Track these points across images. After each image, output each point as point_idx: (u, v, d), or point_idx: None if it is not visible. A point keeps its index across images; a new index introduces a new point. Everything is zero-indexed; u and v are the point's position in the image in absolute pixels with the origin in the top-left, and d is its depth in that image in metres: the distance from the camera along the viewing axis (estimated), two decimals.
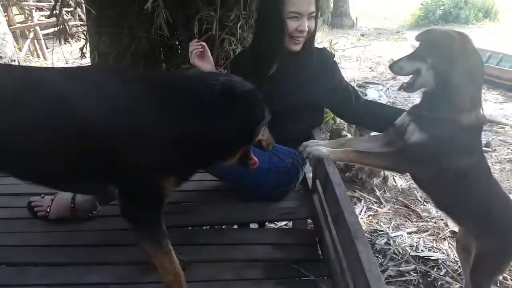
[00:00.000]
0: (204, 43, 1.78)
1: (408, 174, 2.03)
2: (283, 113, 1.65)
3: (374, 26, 13.58)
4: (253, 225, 1.82)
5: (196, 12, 2.79)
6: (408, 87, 1.47)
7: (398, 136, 1.50)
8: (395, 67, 1.46)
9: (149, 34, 2.87)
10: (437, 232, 2.39)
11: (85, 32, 3.39)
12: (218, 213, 1.71)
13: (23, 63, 6.27)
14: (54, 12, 3.12)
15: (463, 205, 1.52)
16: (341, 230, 1.20)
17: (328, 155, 1.47)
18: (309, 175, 1.87)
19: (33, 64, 6.77)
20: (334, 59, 1.81)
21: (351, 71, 7.14)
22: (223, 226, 1.79)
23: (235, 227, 1.81)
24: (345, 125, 3.34)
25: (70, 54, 3.98)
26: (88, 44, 3.40)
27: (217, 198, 1.81)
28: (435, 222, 2.49)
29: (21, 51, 7.01)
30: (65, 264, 1.47)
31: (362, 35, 11.84)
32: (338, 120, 3.47)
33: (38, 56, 7.49)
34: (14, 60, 5.86)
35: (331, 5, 14.11)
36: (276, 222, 2.21)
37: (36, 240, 1.57)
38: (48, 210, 1.62)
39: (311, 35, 1.69)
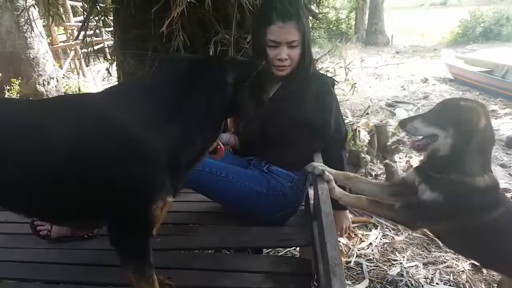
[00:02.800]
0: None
1: None
2: (281, 135, 1.64)
3: (410, 44, 13.31)
4: None
5: (214, 34, 2.84)
6: (420, 149, 1.48)
7: (407, 189, 1.51)
8: (409, 126, 1.45)
9: (169, 55, 2.95)
10: (455, 264, 2.25)
11: (111, 53, 3.54)
12: (215, 237, 1.69)
13: (62, 80, 6.60)
14: (82, 33, 3.29)
15: (504, 256, 1.48)
16: (323, 263, 1.15)
17: (340, 197, 1.53)
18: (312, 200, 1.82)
19: (73, 81, 7.11)
20: (333, 87, 1.75)
21: (382, 89, 7.01)
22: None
23: (232, 251, 1.78)
24: (364, 147, 3.25)
25: (97, 73, 4.14)
26: (114, 64, 3.54)
27: (216, 221, 1.80)
28: (454, 253, 2.34)
29: (61, 69, 7.41)
30: (59, 282, 1.50)
31: (397, 52, 11.63)
32: (358, 141, 3.38)
33: (78, 74, 7.89)
34: (53, 78, 6.18)
35: (366, 22, 14.00)
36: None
37: (35, 256, 1.61)
38: (49, 229, 1.66)
39: (299, 63, 1.65)
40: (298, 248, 2.04)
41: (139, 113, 1.10)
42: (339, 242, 2.46)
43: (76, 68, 8.12)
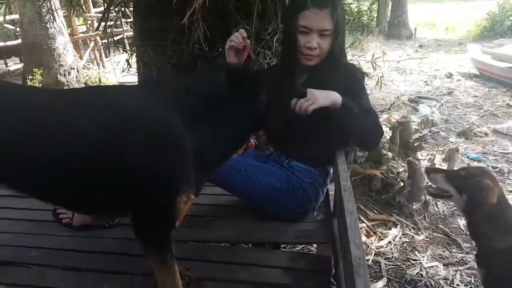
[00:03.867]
0: (248, 42, 1.55)
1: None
2: (304, 130, 1.60)
3: (434, 37, 12.97)
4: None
5: (234, 25, 2.81)
6: (431, 195, 1.81)
7: None
8: (432, 176, 1.69)
9: (189, 47, 2.94)
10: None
11: (131, 44, 3.55)
12: (233, 230, 1.68)
13: (82, 71, 6.69)
14: (103, 24, 3.31)
15: None
16: (346, 262, 1.13)
17: None
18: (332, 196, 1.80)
19: (93, 72, 7.20)
20: (363, 78, 1.68)
21: (404, 84, 6.86)
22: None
23: (250, 245, 1.77)
24: (386, 144, 3.18)
25: (117, 65, 4.18)
26: (134, 55, 3.56)
27: (234, 215, 1.79)
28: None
29: (81, 59, 7.50)
30: (80, 269, 1.52)
31: (420, 46, 11.34)
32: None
33: (97, 65, 7.98)
34: (74, 68, 6.27)
35: (388, 14, 13.70)
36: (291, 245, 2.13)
37: (57, 243, 1.64)
38: (71, 217, 1.68)
39: (329, 54, 1.59)
40: (314, 245, 2.02)
41: (175, 111, 1.11)
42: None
43: (96, 59, 8.20)
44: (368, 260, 2.27)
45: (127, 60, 3.67)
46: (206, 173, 1.25)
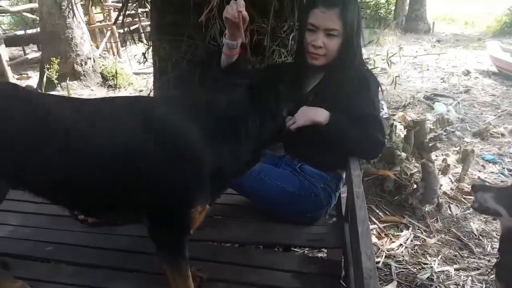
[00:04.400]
0: (244, 15, 1.44)
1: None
2: (315, 135, 1.58)
3: (453, 32, 12.72)
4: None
5: (250, 22, 2.79)
6: (477, 211, 1.64)
7: None
8: (480, 195, 1.56)
9: (204, 43, 2.94)
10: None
11: (148, 37, 3.56)
12: (244, 231, 1.69)
13: (98, 61, 6.74)
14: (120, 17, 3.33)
15: None
16: (357, 270, 1.13)
17: None
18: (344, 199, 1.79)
19: (109, 62, 7.25)
20: (375, 86, 1.62)
21: (420, 81, 6.75)
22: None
23: (260, 247, 1.78)
24: (400, 144, 3.15)
25: (134, 57, 4.19)
26: (150, 49, 3.58)
27: (246, 215, 1.79)
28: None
29: (98, 49, 7.57)
30: (93, 265, 1.55)
31: (438, 41, 11.13)
32: (393, 137, 3.28)
33: (113, 54, 8.04)
34: (90, 58, 6.33)
35: (406, 7, 13.45)
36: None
37: (72, 239, 1.67)
38: None
39: (338, 55, 1.57)
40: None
41: (196, 125, 1.13)
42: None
43: (112, 49, 8.26)
44: (378, 262, 2.27)
45: (144, 54, 3.69)
46: (223, 185, 1.27)
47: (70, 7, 4.88)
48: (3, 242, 1.66)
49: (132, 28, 4.56)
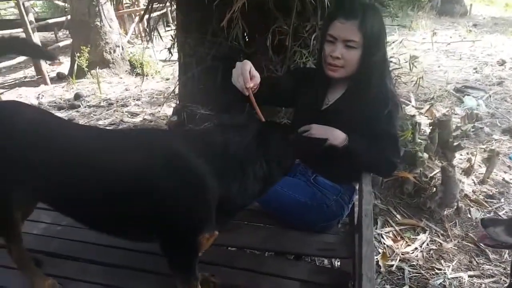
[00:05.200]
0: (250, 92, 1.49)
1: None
2: (331, 148, 1.61)
3: (491, 15, 12.08)
4: None
5: (273, 22, 2.80)
6: (488, 245, 1.69)
7: None
8: (491, 230, 1.54)
9: (228, 41, 2.97)
10: (503, 280, 2.17)
11: (174, 33, 3.62)
12: (257, 237, 1.76)
13: (126, 48, 6.88)
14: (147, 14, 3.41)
15: None
16: None
17: None
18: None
19: (137, 49, 7.36)
20: (395, 107, 1.60)
21: (451, 70, 6.53)
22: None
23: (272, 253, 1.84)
24: (422, 143, 3.11)
25: (161, 52, 4.28)
26: (175, 45, 3.65)
27: (259, 221, 1.86)
28: (504, 268, 2.25)
29: (126, 35, 7.69)
30: (116, 265, 1.66)
31: (475, 25, 10.60)
32: (417, 138, 3.24)
33: (142, 40, 8.16)
34: (119, 46, 6.47)
35: None
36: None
37: (97, 238, 1.76)
38: None
39: (359, 69, 1.57)
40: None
41: (207, 161, 1.19)
42: (384, 243, 2.47)
43: (140, 34, 8.39)
44: (392, 266, 2.31)
45: (169, 49, 3.78)
46: (229, 216, 1.35)
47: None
48: (37, 239, 1.80)
49: (160, 13, 4.65)
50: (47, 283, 1.49)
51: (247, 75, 1.43)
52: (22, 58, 6.52)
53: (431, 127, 3.57)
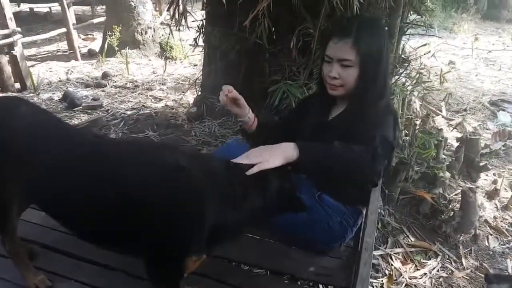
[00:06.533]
0: (233, 95, 1.56)
1: None
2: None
3: None
4: None
5: (300, 22, 2.71)
6: None
7: None
8: (496, 286, 1.52)
9: (253, 37, 2.90)
10: None
11: (200, 24, 3.57)
12: (254, 252, 1.72)
13: (158, 30, 6.87)
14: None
15: None
16: None
17: None
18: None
19: (168, 31, 7.34)
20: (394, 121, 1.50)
21: (489, 80, 6.21)
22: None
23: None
24: (445, 165, 2.96)
25: (189, 38, 4.24)
26: (201, 35, 3.60)
27: (262, 234, 1.80)
28: None
29: (160, 15, 7.68)
30: (110, 267, 1.64)
31: None
32: (441, 154, 3.09)
33: (175, 22, 8.13)
34: (150, 27, 6.47)
35: None
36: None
37: None
38: None
39: (358, 88, 1.49)
40: None
41: (202, 188, 1.15)
42: (392, 265, 2.38)
43: (175, 16, 8.36)
44: None
45: (195, 39, 3.74)
46: (221, 241, 1.29)
47: None
48: (34, 229, 1.80)
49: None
50: (38, 279, 1.49)
51: (224, 88, 1.54)
52: (58, 31, 6.64)
53: (458, 143, 3.40)
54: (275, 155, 1.25)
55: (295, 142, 1.29)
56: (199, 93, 4.02)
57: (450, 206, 2.66)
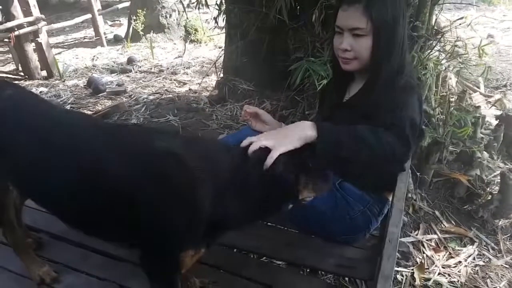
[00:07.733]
0: (253, 110, 1.55)
1: None
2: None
3: None
4: None
5: None
6: None
7: None
8: None
9: (273, 13, 2.76)
10: None
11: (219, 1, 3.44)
12: (271, 243, 1.61)
13: (182, 13, 6.77)
14: None
15: None
16: None
17: None
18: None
19: (193, 14, 7.24)
20: (411, 91, 1.33)
21: None
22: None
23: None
24: (483, 145, 2.73)
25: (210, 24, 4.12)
26: (221, 14, 3.48)
27: (277, 223, 1.70)
28: None
29: None
30: (118, 258, 1.59)
31: None
32: (478, 133, 2.86)
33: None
34: (175, 10, 6.39)
35: None
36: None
37: None
38: None
39: (374, 60, 1.32)
40: None
41: (204, 180, 1.04)
42: (424, 252, 2.22)
43: None
44: (429, 280, 2.07)
45: (215, 18, 3.62)
46: (219, 235, 1.18)
47: None
48: (44, 218, 1.75)
49: None
50: (43, 270, 1.45)
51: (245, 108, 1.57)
52: (83, 17, 6.68)
53: (497, 121, 3.15)
54: (291, 137, 1.12)
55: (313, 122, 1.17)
56: (221, 75, 3.92)
57: (488, 189, 2.46)
